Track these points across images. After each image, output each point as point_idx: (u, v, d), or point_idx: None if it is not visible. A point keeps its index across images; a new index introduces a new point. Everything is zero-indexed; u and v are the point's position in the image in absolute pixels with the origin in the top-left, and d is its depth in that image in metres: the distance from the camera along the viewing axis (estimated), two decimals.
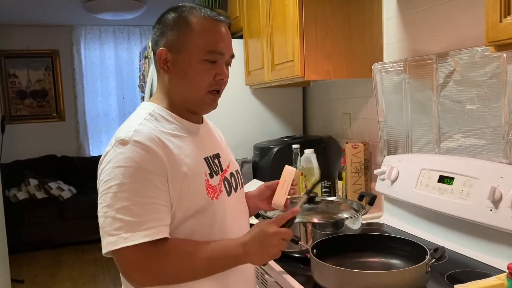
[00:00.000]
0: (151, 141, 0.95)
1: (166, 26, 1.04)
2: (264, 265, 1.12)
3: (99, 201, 0.95)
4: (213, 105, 1.08)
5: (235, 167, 1.20)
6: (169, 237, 0.94)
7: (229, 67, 1.10)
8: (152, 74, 2.55)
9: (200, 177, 1.01)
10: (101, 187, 0.94)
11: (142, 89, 3.09)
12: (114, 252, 0.91)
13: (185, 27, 1.02)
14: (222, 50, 1.04)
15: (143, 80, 3.05)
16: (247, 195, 1.27)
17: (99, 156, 1.02)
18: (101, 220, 0.93)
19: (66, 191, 4.89)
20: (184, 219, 0.98)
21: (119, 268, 0.93)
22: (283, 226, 1.03)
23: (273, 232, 0.99)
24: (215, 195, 1.04)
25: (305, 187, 1.97)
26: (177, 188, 0.96)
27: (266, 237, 0.99)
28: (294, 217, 1.07)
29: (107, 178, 0.93)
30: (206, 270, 0.98)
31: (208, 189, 1.02)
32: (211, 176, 1.05)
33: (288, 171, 1.20)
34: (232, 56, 1.09)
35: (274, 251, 1.00)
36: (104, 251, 0.92)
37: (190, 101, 1.06)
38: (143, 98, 3.10)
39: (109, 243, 0.90)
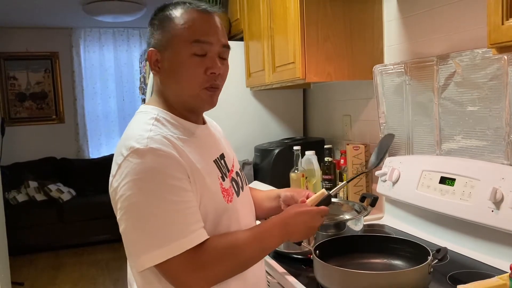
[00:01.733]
0: (167, 146, 0.92)
1: (153, 26, 1.02)
2: (299, 244, 1.19)
3: (123, 217, 0.90)
4: (210, 101, 1.02)
5: (237, 165, 1.19)
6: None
7: (226, 60, 1.04)
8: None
9: (215, 181, 1.00)
10: (123, 202, 0.89)
11: (143, 91, 3.09)
12: (161, 265, 0.88)
13: (168, 22, 0.99)
14: (208, 39, 0.98)
15: (143, 82, 3.05)
16: (263, 197, 1.28)
17: (99, 158, 1.00)
18: (133, 237, 0.90)
19: (65, 193, 4.89)
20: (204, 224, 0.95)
21: (170, 280, 0.90)
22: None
23: (310, 210, 1.05)
24: (230, 198, 1.03)
25: (306, 187, 1.98)
26: (199, 191, 0.94)
27: (305, 215, 1.04)
28: (329, 196, 1.13)
29: (129, 192, 0.88)
30: (255, 255, 0.99)
31: (223, 192, 1.01)
32: (223, 179, 1.03)
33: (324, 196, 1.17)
34: (225, 46, 1.02)
35: (314, 228, 1.06)
36: (146, 266, 0.88)
37: (186, 100, 1.02)
38: (143, 100, 3.11)
39: (155, 257, 0.87)
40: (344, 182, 1.23)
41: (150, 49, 1.00)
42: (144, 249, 0.88)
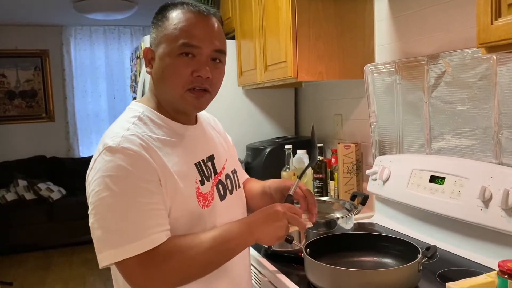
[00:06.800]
0: (139, 146, 0.92)
1: (152, 25, 1.04)
2: (270, 247, 1.15)
3: (91, 212, 0.90)
4: (195, 104, 1.00)
5: (232, 166, 1.17)
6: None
7: (220, 64, 1.02)
8: (144, 74, 2.55)
9: (190, 185, 0.99)
10: (92, 197, 0.90)
11: (134, 89, 3.08)
12: (118, 265, 0.88)
13: (163, 21, 1.00)
14: (197, 42, 0.96)
15: (134, 80, 3.04)
16: (263, 188, 1.24)
17: (89, 157, 0.99)
18: (97, 233, 0.89)
19: (55, 192, 4.85)
20: (174, 227, 0.94)
21: (126, 279, 0.90)
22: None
23: (282, 212, 0.99)
24: (206, 203, 1.01)
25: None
26: (169, 195, 0.94)
27: (275, 215, 0.98)
28: (290, 196, 1.12)
29: (98, 188, 0.89)
30: (215, 259, 0.94)
31: (199, 197, 1.00)
32: (202, 183, 1.02)
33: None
34: (218, 50, 1.00)
35: (281, 231, 0.98)
36: (104, 263, 0.89)
37: (171, 100, 1.01)
38: (134, 99, 3.09)
39: (111, 256, 0.87)
40: (297, 180, 1.17)
41: (145, 47, 1.03)
42: (103, 247, 0.89)
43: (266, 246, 1.21)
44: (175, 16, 0.99)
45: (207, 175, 1.04)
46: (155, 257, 0.88)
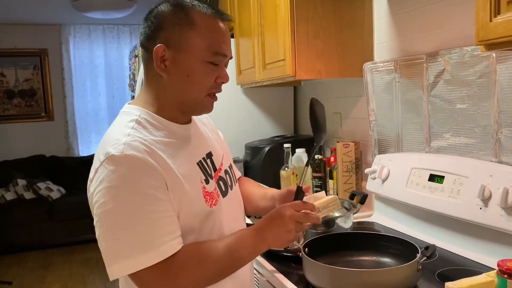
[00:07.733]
0: (144, 152, 0.89)
1: (164, 20, 0.96)
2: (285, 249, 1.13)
3: (97, 224, 0.88)
4: (210, 108, 1.03)
5: (228, 161, 1.16)
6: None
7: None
8: (143, 73, 2.54)
9: (196, 185, 0.97)
10: (97, 209, 0.87)
11: (132, 88, 3.07)
12: (131, 274, 0.87)
13: (188, 24, 0.95)
14: (225, 51, 0.99)
15: (133, 79, 3.03)
16: (260, 195, 1.22)
17: (89, 156, 0.98)
18: (105, 244, 0.88)
19: (55, 192, 4.84)
20: (184, 230, 0.93)
21: None
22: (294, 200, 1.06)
23: (288, 215, 0.95)
24: (214, 202, 1.00)
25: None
26: (176, 198, 0.92)
27: (281, 219, 0.95)
28: (300, 189, 1.09)
29: (103, 199, 0.86)
30: (229, 266, 0.94)
31: (206, 197, 0.98)
32: (207, 181, 1.00)
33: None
34: (231, 57, 1.04)
35: (290, 235, 0.95)
36: (116, 275, 0.87)
37: (187, 103, 1.00)
38: (133, 97, 3.09)
39: (123, 267, 0.85)
40: (305, 168, 1.15)
41: (159, 45, 0.94)
42: (114, 258, 0.87)
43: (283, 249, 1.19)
44: (202, 21, 0.96)
45: (209, 173, 1.03)
46: (171, 267, 0.87)
